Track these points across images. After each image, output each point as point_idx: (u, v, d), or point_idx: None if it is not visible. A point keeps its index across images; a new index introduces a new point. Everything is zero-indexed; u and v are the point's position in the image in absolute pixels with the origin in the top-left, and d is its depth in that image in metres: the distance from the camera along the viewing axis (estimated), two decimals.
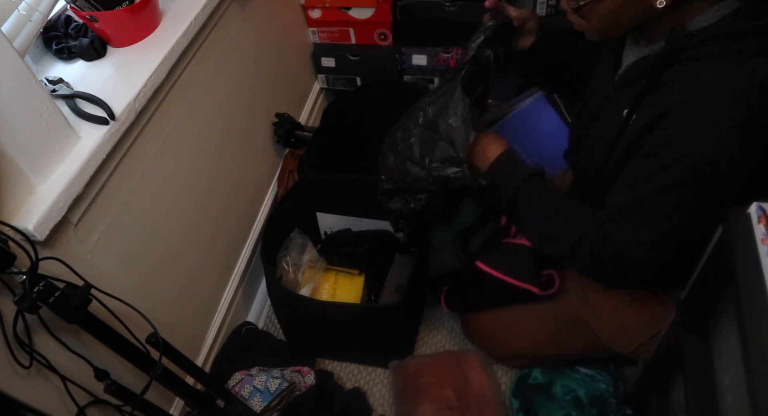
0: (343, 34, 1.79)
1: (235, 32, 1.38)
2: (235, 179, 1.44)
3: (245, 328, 1.46)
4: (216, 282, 1.41)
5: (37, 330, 0.84)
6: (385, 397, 1.40)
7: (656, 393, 1.03)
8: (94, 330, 0.83)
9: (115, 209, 1.01)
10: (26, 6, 0.94)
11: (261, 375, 1.28)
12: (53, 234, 0.86)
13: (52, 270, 0.80)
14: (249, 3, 1.44)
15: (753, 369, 0.59)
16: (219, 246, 1.40)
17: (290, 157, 1.67)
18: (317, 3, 1.72)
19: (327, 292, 1.40)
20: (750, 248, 0.66)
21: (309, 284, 1.42)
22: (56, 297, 0.76)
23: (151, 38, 1.11)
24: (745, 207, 0.69)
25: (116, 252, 1.03)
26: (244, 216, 1.53)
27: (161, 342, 0.93)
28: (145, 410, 0.96)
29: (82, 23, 1.08)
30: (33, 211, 0.82)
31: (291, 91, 1.78)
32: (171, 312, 1.22)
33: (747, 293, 0.64)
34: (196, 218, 1.28)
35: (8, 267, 0.74)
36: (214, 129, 1.32)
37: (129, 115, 0.98)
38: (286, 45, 1.71)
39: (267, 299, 1.58)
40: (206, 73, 1.26)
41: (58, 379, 0.87)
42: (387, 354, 1.40)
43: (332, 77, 1.90)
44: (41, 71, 1.05)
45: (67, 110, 0.95)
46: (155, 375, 0.93)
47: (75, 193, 0.88)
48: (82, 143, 0.92)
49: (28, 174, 0.84)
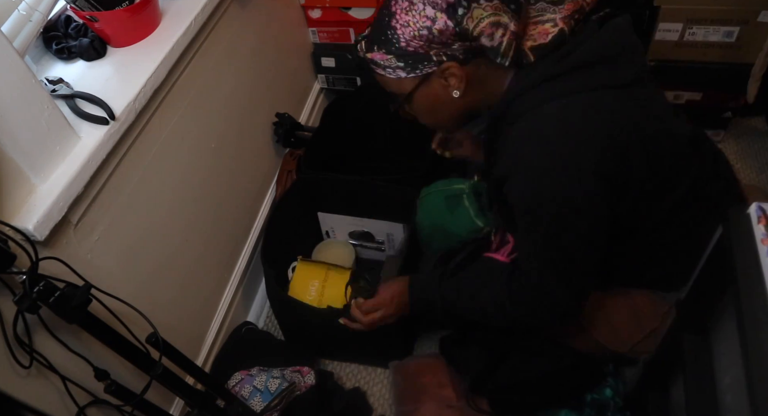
0: (343, 34, 1.79)
1: (235, 32, 1.38)
2: (235, 179, 1.44)
3: (245, 328, 1.46)
4: (216, 282, 1.41)
5: (37, 330, 0.84)
6: (385, 397, 1.40)
7: (656, 393, 1.03)
8: (94, 330, 0.83)
9: (115, 209, 1.01)
10: (26, 6, 0.94)
11: (261, 375, 1.28)
12: (53, 234, 0.86)
13: (52, 270, 0.80)
14: (249, 3, 1.44)
15: (753, 369, 0.59)
16: (219, 245, 1.40)
17: (289, 156, 1.67)
18: (317, 3, 1.71)
19: (316, 289, 1.40)
20: (750, 248, 0.66)
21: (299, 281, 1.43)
22: (56, 297, 0.76)
23: (151, 38, 1.11)
24: (745, 207, 0.69)
25: (116, 252, 1.03)
26: (244, 216, 1.53)
27: (161, 342, 0.93)
28: (145, 410, 0.96)
29: (82, 23, 1.08)
30: (33, 211, 0.82)
31: (291, 91, 1.78)
32: (171, 312, 1.22)
33: (747, 293, 0.64)
34: (196, 218, 1.28)
35: (8, 267, 0.74)
36: (214, 129, 1.32)
37: (129, 115, 0.98)
38: (286, 45, 1.71)
39: (267, 299, 1.58)
40: (206, 73, 1.26)
41: (58, 379, 0.87)
42: (387, 354, 1.40)
43: (332, 77, 1.90)
44: (41, 71, 1.05)
45: (67, 110, 0.95)
46: (155, 375, 0.92)
47: (75, 193, 0.88)
48: (82, 143, 0.92)
49: (28, 174, 0.84)
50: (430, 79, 0.88)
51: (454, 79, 0.86)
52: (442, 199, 1.23)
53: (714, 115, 1.70)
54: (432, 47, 0.84)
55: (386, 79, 0.91)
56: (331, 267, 1.44)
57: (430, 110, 0.94)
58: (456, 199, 1.21)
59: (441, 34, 0.82)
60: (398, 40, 0.84)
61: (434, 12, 0.81)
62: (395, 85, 0.91)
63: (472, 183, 1.22)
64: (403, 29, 0.83)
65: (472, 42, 0.82)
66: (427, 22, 0.81)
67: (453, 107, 0.92)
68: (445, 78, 0.87)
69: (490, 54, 0.83)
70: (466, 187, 1.22)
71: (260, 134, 1.59)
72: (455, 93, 0.88)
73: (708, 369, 0.80)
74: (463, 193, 1.22)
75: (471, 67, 0.86)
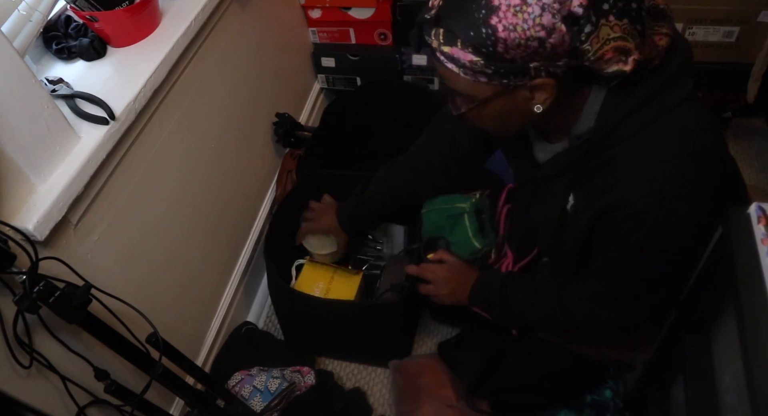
0: (343, 34, 1.79)
1: (235, 32, 1.38)
2: (235, 179, 1.45)
3: (245, 328, 1.46)
4: (216, 282, 1.41)
5: (37, 330, 0.84)
6: (385, 397, 1.40)
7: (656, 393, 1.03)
8: (94, 330, 0.83)
9: (116, 209, 1.01)
10: (26, 6, 0.94)
11: (261, 375, 1.28)
12: (53, 234, 0.86)
13: (52, 270, 0.80)
14: (249, 3, 1.44)
15: (753, 369, 0.59)
16: (219, 245, 1.40)
17: (289, 156, 1.67)
18: (317, 3, 1.71)
19: (320, 290, 1.40)
20: (750, 248, 0.66)
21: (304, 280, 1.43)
22: (56, 297, 0.76)
23: (151, 38, 1.11)
24: (745, 207, 0.69)
25: (116, 252, 1.03)
26: (245, 216, 1.53)
27: (161, 342, 0.93)
28: (145, 410, 0.96)
29: (82, 23, 1.08)
30: (33, 211, 0.82)
31: (291, 91, 1.78)
32: (171, 312, 1.22)
33: (747, 293, 0.64)
34: (196, 218, 1.28)
35: (8, 267, 0.74)
36: (214, 129, 1.32)
37: (129, 115, 0.98)
38: (286, 45, 1.71)
39: (267, 299, 1.58)
40: (206, 73, 1.26)
41: (58, 379, 0.87)
42: (387, 354, 1.40)
43: (332, 77, 1.90)
44: (41, 71, 1.05)
45: (67, 110, 0.95)
46: (155, 375, 0.92)
47: (75, 193, 0.88)
48: (82, 143, 0.91)
49: (28, 174, 0.84)
50: (515, 90, 0.74)
51: (543, 94, 0.74)
52: (445, 219, 1.21)
53: (714, 115, 1.70)
54: (534, 60, 0.70)
55: (457, 78, 0.75)
56: (338, 269, 1.43)
57: (499, 118, 0.81)
58: (456, 219, 1.20)
59: (553, 49, 0.68)
60: (495, 44, 0.69)
61: (553, 22, 0.66)
62: (467, 86, 0.76)
63: (475, 201, 1.22)
64: (507, 33, 0.67)
65: (583, 62, 0.70)
66: (541, 33, 0.67)
67: (526, 118, 0.80)
68: (532, 91, 0.74)
69: (596, 76, 0.72)
70: (467, 205, 1.20)
71: (260, 134, 1.59)
72: (537, 108, 0.75)
73: (708, 369, 0.80)
74: (464, 211, 1.19)
75: (565, 85, 0.74)
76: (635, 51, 0.70)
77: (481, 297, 1.10)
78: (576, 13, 0.66)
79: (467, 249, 1.19)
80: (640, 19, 0.70)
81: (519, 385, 1.19)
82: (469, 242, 1.18)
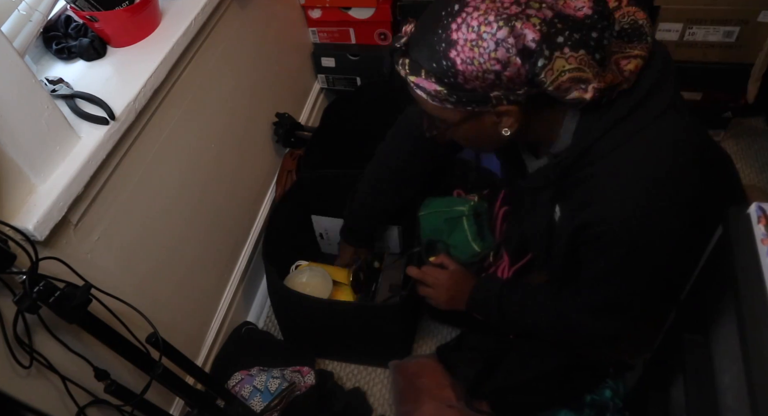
0: (343, 34, 1.79)
1: (235, 32, 1.38)
2: (235, 179, 1.44)
3: (245, 328, 1.46)
4: (216, 281, 1.41)
5: (37, 330, 0.84)
6: (385, 397, 1.40)
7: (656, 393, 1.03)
8: (94, 330, 0.83)
9: (115, 209, 1.01)
10: (26, 6, 0.94)
11: (261, 375, 1.28)
12: (53, 234, 0.86)
13: (52, 270, 0.80)
14: (249, 3, 1.44)
15: (753, 369, 0.59)
16: (219, 245, 1.40)
17: (289, 156, 1.67)
18: (317, 3, 1.71)
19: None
20: (750, 248, 0.66)
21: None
22: (56, 297, 0.76)
23: (151, 38, 1.11)
24: (745, 207, 0.69)
25: (116, 252, 1.03)
26: (245, 216, 1.53)
27: (161, 342, 0.93)
28: (145, 410, 0.96)
29: (82, 23, 1.08)
30: (33, 211, 0.82)
31: (291, 91, 1.78)
32: (171, 312, 1.22)
33: (747, 293, 0.64)
34: (196, 218, 1.28)
35: (8, 267, 0.74)
36: (214, 129, 1.32)
37: (129, 115, 0.98)
38: (286, 45, 1.71)
39: (267, 299, 1.58)
40: (206, 73, 1.26)
41: (58, 379, 0.87)
42: (387, 354, 1.40)
43: (332, 77, 1.90)
44: (41, 71, 1.05)
45: (67, 110, 0.95)
46: (155, 375, 0.93)
47: (75, 193, 0.88)
48: (82, 143, 0.92)
49: (28, 174, 0.84)
50: (482, 115, 0.77)
51: (509, 119, 0.77)
52: (443, 222, 1.22)
53: (714, 115, 1.70)
54: (494, 90, 0.73)
55: (426, 103, 0.79)
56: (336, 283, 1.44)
57: (472, 138, 0.85)
58: (455, 222, 1.20)
59: (510, 81, 0.71)
60: (455, 76, 0.72)
61: (507, 57, 0.69)
62: (437, 110, 0.80)
63: (473, 204, 1.22)
64: (464, 66, 0.71)
65: (543, 90, 0.72)
66: (496, 66, 0.70)
67: (498, 141, 0.82)
68: (499, 116, 0.77)
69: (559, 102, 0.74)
70: (466, 208, 1.20)
71: (260, 134, 1.59)
72: (505, 131, 0.78)
73: (708, 369, 0.80)
74: (463, 214, 1.20)
75: (530, 110, 0.76)
76: (594, 79, 0.71)
77: (478, 305, 1.10)
78: (530, 48, 0.68)
79: (467, 253, 1.19)
80: (601, 48, 0.71)
81: (519, 385, 1.19)
82: (468, 245, 1.18)
